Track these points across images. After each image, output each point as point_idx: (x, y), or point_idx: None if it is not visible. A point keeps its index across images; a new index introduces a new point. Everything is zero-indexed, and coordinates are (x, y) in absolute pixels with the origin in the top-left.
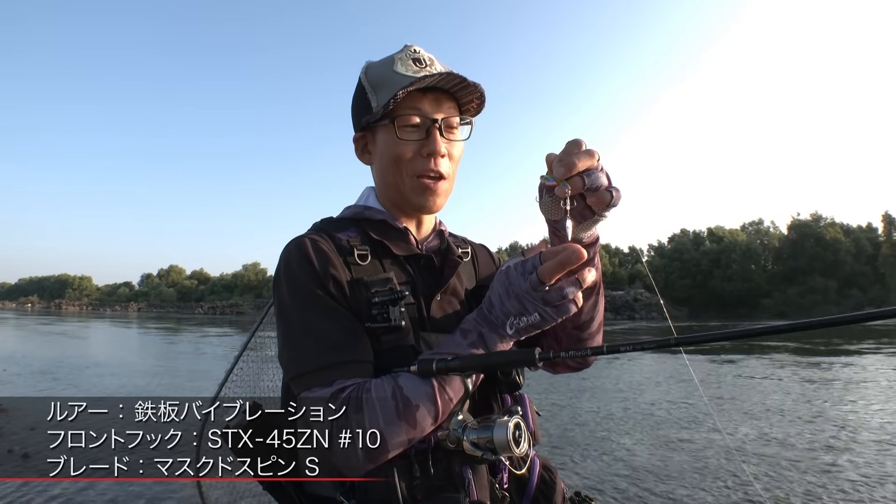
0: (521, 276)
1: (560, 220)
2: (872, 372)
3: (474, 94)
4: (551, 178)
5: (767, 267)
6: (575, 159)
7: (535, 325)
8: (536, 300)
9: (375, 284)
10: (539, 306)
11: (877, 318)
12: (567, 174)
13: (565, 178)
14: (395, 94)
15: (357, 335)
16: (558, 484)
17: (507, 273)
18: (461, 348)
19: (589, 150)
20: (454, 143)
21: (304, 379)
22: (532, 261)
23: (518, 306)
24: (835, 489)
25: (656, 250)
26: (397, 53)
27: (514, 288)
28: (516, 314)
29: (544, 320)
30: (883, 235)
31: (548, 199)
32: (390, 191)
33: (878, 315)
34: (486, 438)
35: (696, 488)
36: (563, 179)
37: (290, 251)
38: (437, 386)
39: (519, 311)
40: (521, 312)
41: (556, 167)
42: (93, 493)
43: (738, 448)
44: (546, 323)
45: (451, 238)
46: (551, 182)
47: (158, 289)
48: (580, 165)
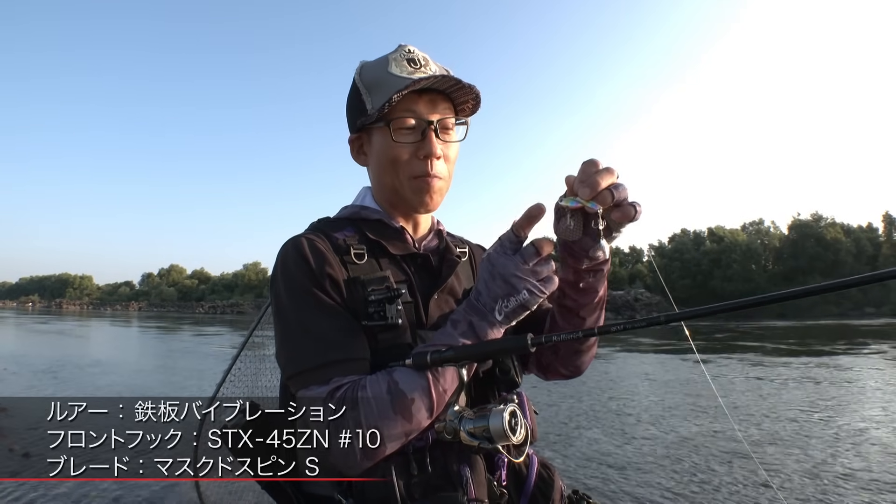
0: (503, 255)
1: (577, 241)
2: (871, 371)
3: (469, 94)
4: (575, 200)
5: (768, 267)
6: (597, 178)
7: (524, 304)
8: (525, 274)
9: (372, 283)
10: (527, 280)
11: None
12: (593, 194)
13: (591, 197)
14: (391, 98)
15: (354, 333)
16: (556, 482)
17: (489, 258)
18: (452, 339)
19: (608, 168)
20: (450, 144)
21: (301, 377)
22: (506, 236)
23: (505, 287)
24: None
25: (657, 250)
26: (391, 54)
27: (499, 268)
28: (504, 296)
29: (532, 295)
30: (883, 236)
31: (570, 221)
32: (387, 192)
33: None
34: (483, 427)
35: (699, 486)
36: (591, 199)
37: (286, 251)
38: (431, 378)
39: (507, 292)
40: (509, 293)
41: (581, 188)
42: (94, 493)
43: (746, 438)
44: (535, 299)
45: (449, 238)
46: (575, 204)
47: (159, 288)
48: (603, 183)
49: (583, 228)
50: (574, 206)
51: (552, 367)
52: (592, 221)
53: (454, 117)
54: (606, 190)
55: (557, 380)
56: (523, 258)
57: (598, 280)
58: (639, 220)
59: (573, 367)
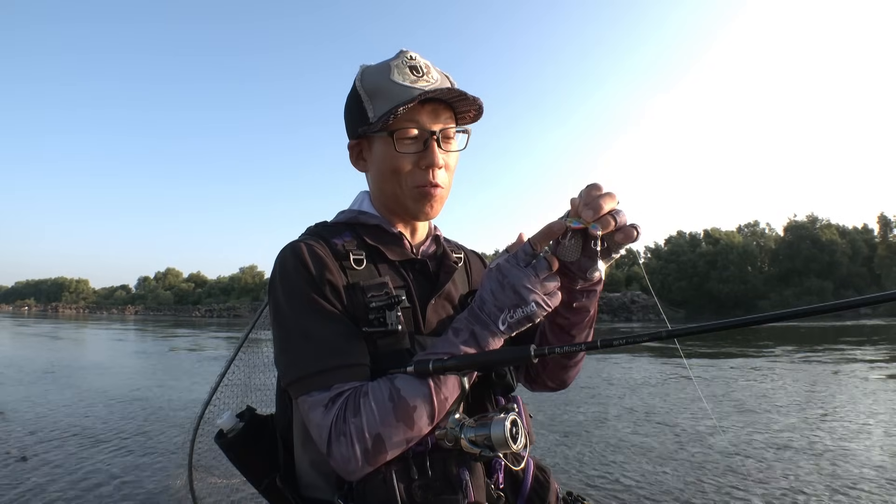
0: (516, 267)
1: (576, 262)
2: (870, 371)
3: (472, 105)
4: (577, 220)
5: (764, 268)
6: (601, 201)
7: (529, 316)
8: (534, 286)
9: (372, 289)
10: (536, 293)
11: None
12: (596, 216)
13: (594, 220)
14: (396, 111)
15: (354, 339)
16: (552, 484)
17: (500, 268)
18: (454, 347)
19: (609, 192)
20: (451, 153)
21: (302, 383)
22: (523, 248)
23: (514, 297)
24: (842, 488)
25: (653, 252)
26: (393, 60)
27: (510, 279)
28: (511, 306)
29: (539, 308)
30: (879, 236)
31: (571, 242)
32: (387, 199)
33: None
34: (484, 436)
35: (693, 485)
36: (593, 221)
37: (285, 256)
38: (433, 386)
39: (515, 303)
40: (518, 303)
41: (584, 210)
42: (90, 496)
43: (734, 444)
44: (541, 311)
45: (446, 243)
46: (577, 225)
47: (155, 292)
48: (606, 207)
49: (581, 250)
50: (577, 227)
51: (539, 379)
52: (592, 242)
53: (455, 126)
54: (609, 214)
55: (543, 391)
56: (535, 271)
57: (590, 300)
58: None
59: (559, 380)
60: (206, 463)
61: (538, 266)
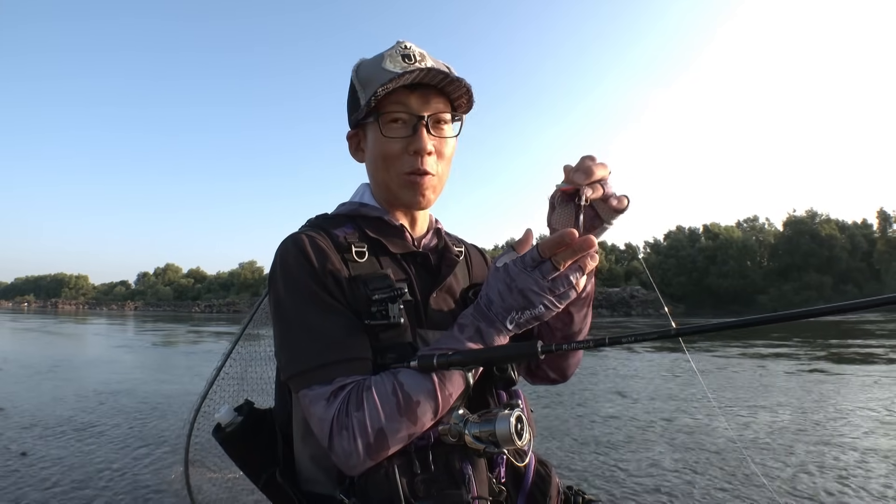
0: (524, 271)
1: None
2: (865, 368)
3: (461, 89)
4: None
5: (763, 263)
6: (593, 167)
7: (537, 316)
8: (543, 290)
9: (374, 282)
10: (545, 297)
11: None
12: (587, 181)
13: (586, 183)
14: (376, 91)
15: (356, 332)
16: (553, 478)
17: (507, 269)
18: (459, 343)
19: (603, 162)
20: (443, 140)
21: (303, 377)
22: (530, 254)
23: (522, 301)
24: (850, 484)
25: (652, 247)
26: (388, 50)
27: (518, 283)
28: (519, 309)
29: (548, 310)
30: (878, 231)
31: (561, 209)
32: (381, 188)
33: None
34: (489, 432)
35: (694, 482)
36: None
37: (286, 248)
38: (437, 381)
39: (522, 306)
40: (525, 306)
41: (576, 175)
42: (89, 491)
43: (740, 437)
44: (549, 312)
45: (447, 237)
46: (567, 186)
47: (155, 287)
48: (598, 173)
49: (574, 219)
50: (566, 188)
51: (540, 371)
52: (576, 199)
53: (450, 113)
54: (598, 183)
55: (544, 384)
56: (542, 274)
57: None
58: (628, 212)
59: (560, 371)
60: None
61: (544, 269)
